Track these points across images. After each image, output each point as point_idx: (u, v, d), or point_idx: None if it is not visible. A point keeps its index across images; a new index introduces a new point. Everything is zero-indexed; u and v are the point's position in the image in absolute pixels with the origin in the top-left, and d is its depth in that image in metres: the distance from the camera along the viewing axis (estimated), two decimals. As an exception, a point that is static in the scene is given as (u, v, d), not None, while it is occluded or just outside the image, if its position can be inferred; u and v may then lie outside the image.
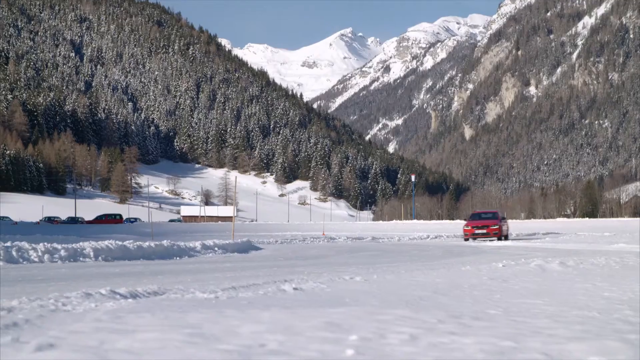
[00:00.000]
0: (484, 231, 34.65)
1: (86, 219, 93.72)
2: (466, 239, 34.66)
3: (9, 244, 13.55)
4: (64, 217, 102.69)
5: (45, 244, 14.34)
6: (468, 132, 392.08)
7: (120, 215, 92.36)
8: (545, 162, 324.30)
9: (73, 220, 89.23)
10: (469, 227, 35.03)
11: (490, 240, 33.78)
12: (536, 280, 8.95)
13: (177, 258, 15.88)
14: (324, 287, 7.80)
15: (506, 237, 36.45)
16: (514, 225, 67.25)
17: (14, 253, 13.35)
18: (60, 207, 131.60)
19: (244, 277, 9.74)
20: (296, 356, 3.64)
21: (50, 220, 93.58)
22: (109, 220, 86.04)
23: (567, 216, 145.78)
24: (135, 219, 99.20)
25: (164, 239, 22.44)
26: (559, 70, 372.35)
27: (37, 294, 6.62)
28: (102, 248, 14.94)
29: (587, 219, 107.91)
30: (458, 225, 73.82)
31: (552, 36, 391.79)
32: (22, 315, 4.76)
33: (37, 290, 7.47)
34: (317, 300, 6.66)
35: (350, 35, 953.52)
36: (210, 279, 9.46)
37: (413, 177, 44.62)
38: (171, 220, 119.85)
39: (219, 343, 3.86)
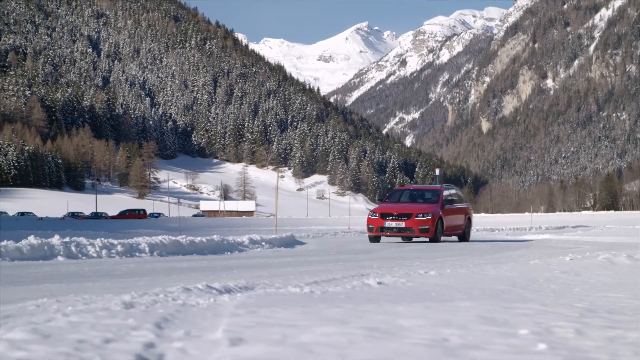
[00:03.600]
0: (402, 225, 20.42)
1: (108, 214, 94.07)
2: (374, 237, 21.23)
3: (67, 239, 13.65)
4: (84, 212, 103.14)
5: (102, 239, 14.48)
6: (485, 126, 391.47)
7: (144, 210, 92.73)
8: (563, 155, 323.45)
9: (96, 216, 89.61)
10: (376, 216, 20.96)
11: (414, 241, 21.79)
12: (609, 274, 8.86)
13: (228, 253, 15.98)
14: (404, 282, 7.76)
15: (463, 238, 22.86)
16: (539, 219, 66.65)
17: (73, 248, 13.44)
18: (79, 203, 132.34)
19: (318, 271, 9.71)
20: (491, 350, 3.55)
21: (74, 215, 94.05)
22: (133, 215, 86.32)
23: (588, 209, 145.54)
24: (159, 214, 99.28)
25: (192, 233, 22.49)
26: (576, 62, 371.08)
27: (132, 289, 6.61)
28: (157, 243, 15.05)
29: (612, 212, 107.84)
30: (483, 218, 73.74)
31: (569, 29, 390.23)
32: (161, 310, 4.75)
33: (130, 285, 7.47)
34: (407, 294, 6.60)
35: (366, 29, 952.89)
36: (286, 273, 9.44)
37: (437, 171, 44.41)
38: (194, 215, 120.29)
39: (401, 338, 3.68)
